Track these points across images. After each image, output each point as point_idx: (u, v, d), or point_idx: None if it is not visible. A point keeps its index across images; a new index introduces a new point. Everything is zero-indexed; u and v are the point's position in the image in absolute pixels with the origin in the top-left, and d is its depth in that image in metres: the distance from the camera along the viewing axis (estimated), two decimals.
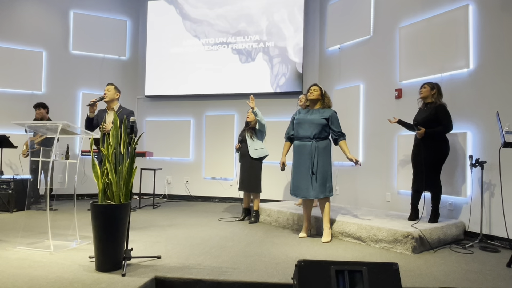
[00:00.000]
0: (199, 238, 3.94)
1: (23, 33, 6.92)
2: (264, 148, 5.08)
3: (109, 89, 4.43)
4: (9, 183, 5.56)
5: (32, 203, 5.91)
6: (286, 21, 6.90)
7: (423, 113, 4.15)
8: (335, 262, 2.28)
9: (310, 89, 4.11)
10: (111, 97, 4.41)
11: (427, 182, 4.01)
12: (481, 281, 2.73)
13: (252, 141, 5.02)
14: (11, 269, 2.75)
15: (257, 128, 5.03)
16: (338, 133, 3.98)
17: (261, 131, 5.05)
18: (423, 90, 4.17)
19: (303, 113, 4.11)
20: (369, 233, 3.78)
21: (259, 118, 4.91)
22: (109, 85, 4.48)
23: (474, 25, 4.29)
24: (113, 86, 4.47)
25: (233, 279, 2.64)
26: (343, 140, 3.98)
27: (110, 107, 4.47)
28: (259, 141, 5.05)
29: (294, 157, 4.08)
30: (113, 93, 4.43)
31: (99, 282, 2.51)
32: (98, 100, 4.29)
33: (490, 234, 3.97)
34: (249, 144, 5.01)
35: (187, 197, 7.35)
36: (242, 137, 5.14)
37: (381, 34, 5.42)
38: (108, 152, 2.92)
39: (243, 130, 5.25)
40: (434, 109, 4.06)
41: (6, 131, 6.09)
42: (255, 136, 5.04)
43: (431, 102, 4.14)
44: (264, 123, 5.00)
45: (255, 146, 5.01)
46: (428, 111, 4.10)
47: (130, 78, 7.71)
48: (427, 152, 4.00)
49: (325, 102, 4.07)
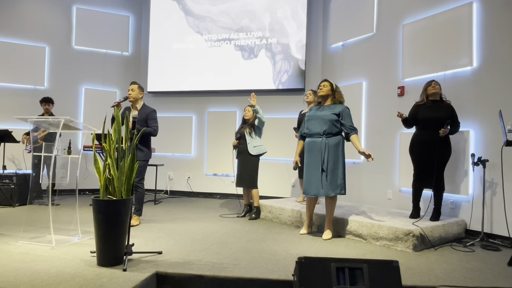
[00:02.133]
0: (200, 234, 3.95)
1: (26, 28, 6.92)
2: (263, 145, 5.10)
3: (133, 88, 4.46)
4: (12, 178, 5.59)
5: (35, 197, 5.93)
6: (289, 18, 6.87)
7: (439, 111, 4.01)
8: (335, 259, 2.29)
9: (320, 85, 4.04)
10: (135, 96, 4.45)
11: (436, 181, 3.98)
12: (481, 279, 2.73)
13: (251, 138, 5.03)
14: (13, 263, 2.76)
15: (256, 125, 5.03)
16: (349, 128, 3.88)
17: (260, 128, 5.08)
18: (436, 87, 4.09)
19: (314, 109, 4.05)
20: (370, 231, 3.78)
21: (260, 116, 4.91)
22: (133, 84, 4.51)
23: (478, 23, 4.27)
24: (137, 86, 4.51)
25: (233, 275, 2.64)
26: (355, 135, 3.88)
27: (134, 106, 4.52)
28: (257, 138, 5.07)
29: (305, 155, 4.01)
30: (137, 93, 4.49)
31: (101, 276, 2.52)
32: (122, 101, 4.28)
33: (492, 233, 3.97)
34: (248, 141, 5.02)
35: (189, 193, 7.36)
36: (241, 134, 5.14)
37: (384, 31, 5.40)
38: (110, 147, 2.92)
39: (241, 127, 5.26)
40: (449, 108, 4.03)
41: (9, 126, 6.11)
42: (254, 133, 5.05)
43: (439, 100, 4.11)
44: (264, 120, 5.01)
45: (254, 143, 5.02)
46: (445, 110, 4.02)
47: (132, 74, 7.70)
48: (443, 151, 3.98)
49: (336, 97, 3.98)
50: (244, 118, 5.25)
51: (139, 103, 4.54)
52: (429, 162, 4.00)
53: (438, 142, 3.93)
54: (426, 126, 4.05)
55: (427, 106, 4.11)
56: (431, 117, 4.02)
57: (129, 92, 4.46)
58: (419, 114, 4.13)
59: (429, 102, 4.12)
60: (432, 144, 3.96)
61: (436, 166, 3.94)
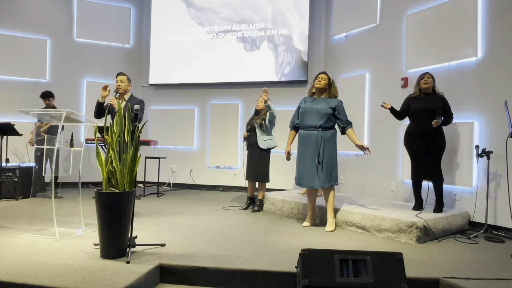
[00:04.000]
0: (203, 226, 3.96)
1: (28, 21, 6.89)
2: (273, 139, 5.03)
3: (122, 80, 4.36)
4: (15, 171, 5.60)
5: (38, 190, 5.95)
6: (292, 9, 6.81)
7: (430, 102, 4.05)
8: (339, 251, 2.28)
9: (318, 77, 4.03)
10: (124, 88, 4.37)
11: (432, 171, 3.99)
12: (485, 271, 2.72)
13: (261, 131, 4.97)
14: (17, 255, 2.77)
15: (268, 119, 4.95)
16: (345, 122, 3.94)
17: (271, 122, 4.97)
18: (429, 81, 4.09)
19: (309, 101, 4.06)
20: (373, 223, 3.77)
21: (272, 111, 4.78)
22: (121, 75, 4.35)
23: (482, 13, 4.21)
24: (125, 77, 4.41)
25: (236, 267, 2.64)
26: (351, 128, 3.95)
27: (122, 97, 4.46)
28: (268, 132, 5.00)
29: (299, 147, 4.04)
30: (126, 84, 4.41)
31: (104, 269, 2.52)
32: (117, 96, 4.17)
33: (495, 225, 3.95)
34: (258, 134, 4.95)
35: (191, 185, 7.37)
36: (251, 126, 5.06)
37: (388, 22, 5.34)
38: (112, 140, 2.91)
39: (252, 119, 5.18)
40: (441, 100, 4.04)
41: (11, 119, 6.11)
42: (264, 126, 4.97)
43: (432, 92, 4.11)
44: (276, 115, 4.90)
45: (264, 137, 4.96)
46: (436, 101, 4.03)
47: (134, 66, 7.68)
48: (436, 142, 3.98)
49: (331, 92, 4.01)
50: (256, 109, 5.19)
51: (126, 93, 4.44)
52: (423, 154, 4.02)
53: (432, 133, 3.96)
54: (419, 118, 4.07)
55: (419, 98, 4.14)
56: (423, 109, 4.05)
57: (117, 84, 4.31)
58: (412, 106, 4.17)
59: (422, 95, 4.14)
60: (425, 135, 3.99)
61: (430, 157, 3.95)
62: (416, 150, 4.12)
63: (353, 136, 3.92)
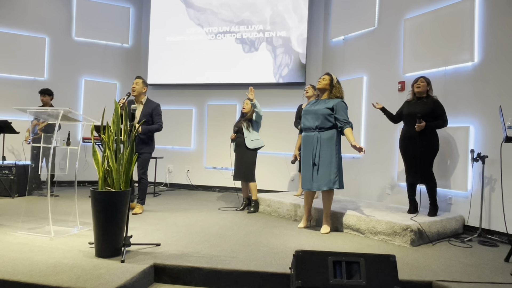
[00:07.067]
0: (199, 227, 3.96)
1: (26, 19, 6.88)
2: (260, 139, 5.08)
3: (137, 82, 4.43)
4: (11, 169, 5.59)
5: (34, 189, 5.94)
6: (291, 11, 6.83)
7: (419, 106, 4.08)
8: (332, 253, 2.30)
9: (320, 78, 4.05)
10: (139, 91, 4.44)
11: (422, 175, 4.02)
12: (478, 274, 2.74)
13: (248, 132, 5.02)
14: (12, 253, 2.77)
15: (254, 119, 5.02)
16: (343, 121, 3.84)
17: (258, 122, 5.05)
18: (421, 85, 4.12)
19: (310, 104, 4.07)
20: (368, 225, 3.78)
21: (257, 110, 4.88)
22: (138, 79, 4.49)
23: (479, 19, 4.24)
24: (141, 80, 4.49)
25: (231, 268, 2.65)
26: (348, 128, 3.84)
27: (138, 100, 4.51)
28: (255, 132, 5.06)
29: (301, 149, 4.05)
30: (141, 87, 4.47)
31: (99, 268, 2.53)
32: (126, 99, 4.23)
33: (489, 229, 3.98)
34: (245, 135, 5.00)
35: (188, 186, 7.37)
36: (238, 128, 5.13)
37: (386, 26, 5.37)
38: (109, 139, 2.92)
39: (239, 121, 5.24)
40: (432, 104, 4.06)
41: (8, 116, 6.10)
42: (251, 127, 5.04)
43: (426, 96, 4.14)
44: (262, 114, 4.99)
45: (252, 137, 5.01)
46: (424, 105, 4.06)
47: (132, 66, 7.68)
48: (424, 146, 4.00)
49: (332, 92, 3.96)
50: (242, 112, 5.24)
51: (143, 97, 4.53)
52: (414, 157, 4.04)
53: (419, 137, 3.97)
54: (410, 122, 4.11)
55: (412, 102, 4.19)
56: (411, 113, 4.08)
57: (133, 86, 4.45)
58: (404, 110, 4.23)
59: (415, 99, 4.18)
60: (413, 139, 4.02)
61: (420, 161, 3.97)
62: (407, 153, 4.16)
63: (349, 135, 3.82)
